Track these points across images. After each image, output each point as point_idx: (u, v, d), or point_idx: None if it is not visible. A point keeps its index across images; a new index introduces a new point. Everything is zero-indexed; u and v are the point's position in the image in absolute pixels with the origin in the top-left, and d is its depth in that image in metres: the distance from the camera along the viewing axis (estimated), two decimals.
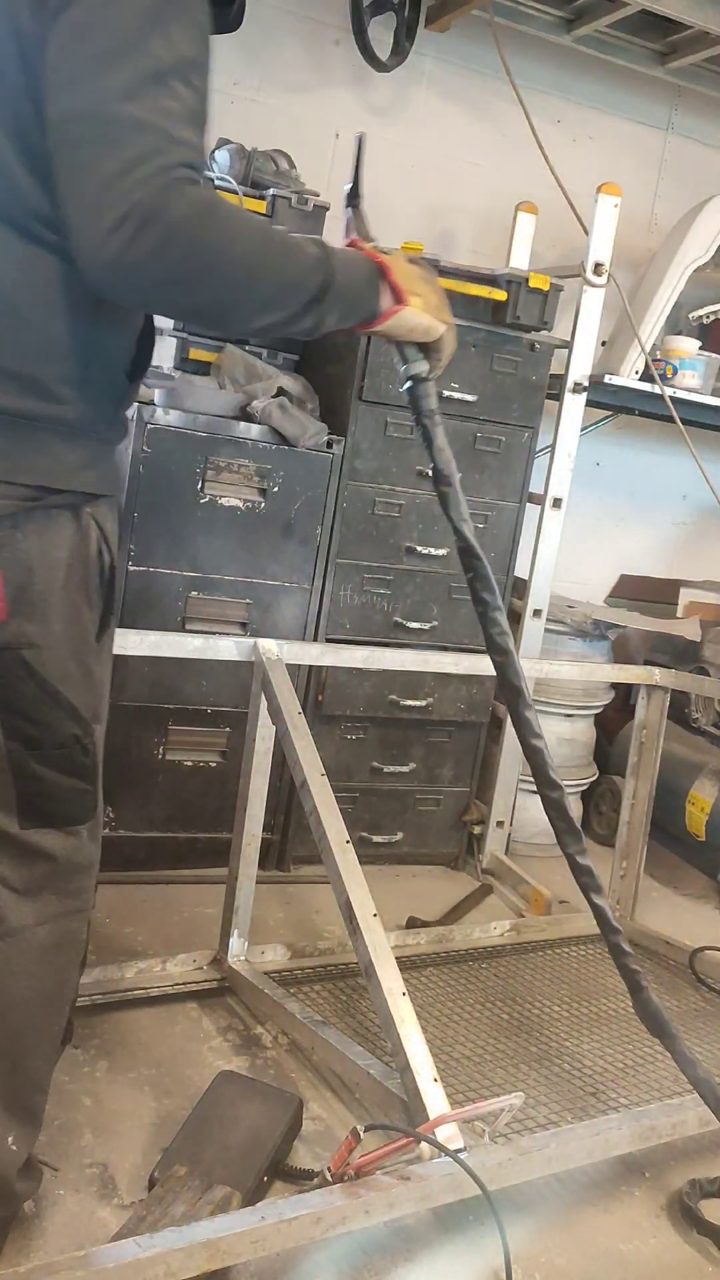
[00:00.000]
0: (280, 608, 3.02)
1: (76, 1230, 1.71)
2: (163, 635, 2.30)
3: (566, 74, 3.88)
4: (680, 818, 3.49)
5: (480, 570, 1.74)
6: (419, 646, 3.15)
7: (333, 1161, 1.63)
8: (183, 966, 2.43)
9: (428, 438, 1.70)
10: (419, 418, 1.69)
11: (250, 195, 3.11)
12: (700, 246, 3.55)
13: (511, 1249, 1.66)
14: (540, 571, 3.37)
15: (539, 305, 3.11)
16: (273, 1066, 2.21)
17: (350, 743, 3.20)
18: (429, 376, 1.65)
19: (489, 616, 1.76)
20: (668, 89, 4.01)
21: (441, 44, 3.70)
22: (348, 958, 2.54)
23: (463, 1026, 2.41)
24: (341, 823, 2.06)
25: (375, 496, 3.09)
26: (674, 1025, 1.89)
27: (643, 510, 4.36)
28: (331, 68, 3.58)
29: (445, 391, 3.08)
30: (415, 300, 1.54)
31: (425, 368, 1.64)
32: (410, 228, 3.69)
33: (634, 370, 3.53)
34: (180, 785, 3.01)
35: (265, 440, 2.92)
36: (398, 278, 1.51)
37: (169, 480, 2.83)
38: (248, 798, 2.39)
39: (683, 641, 3.78)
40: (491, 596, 1.75)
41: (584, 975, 2.76)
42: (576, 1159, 1.88)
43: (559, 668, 3.00)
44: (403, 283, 1.52)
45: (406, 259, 1.57)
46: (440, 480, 1.71)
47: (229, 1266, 1.55)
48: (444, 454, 1.70)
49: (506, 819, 3.44)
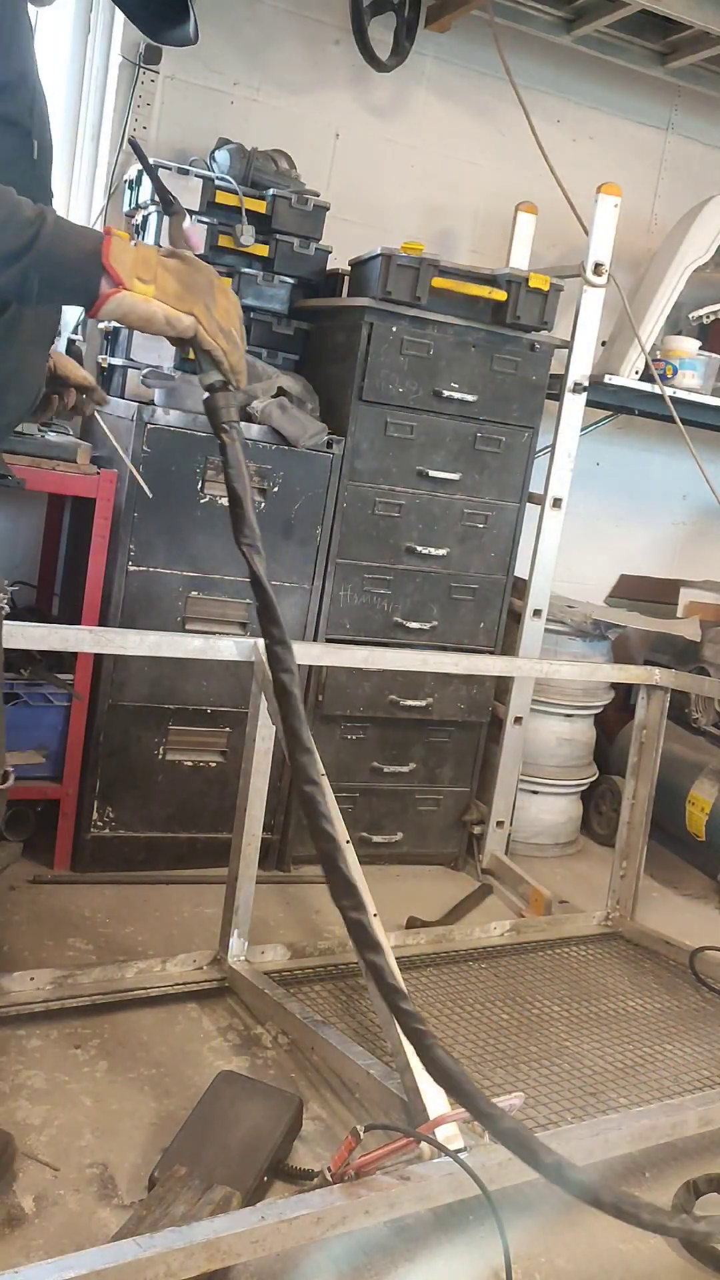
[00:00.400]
0: (280, 608, 3.01)
1: (76, 1230, 1.71)
2: (163, 635, 2.30)
3: (566, 74, 3.88)
4: (680, 818, 3.49)
5: (265, 600, 1.62)
6: (419, 646, 3.15)
7: (333, 1161, 1.63)
8: (183, 966, 2.43)
9: (222, 452, 1.58)
10: (215, 430, 1.58)
11: (250, 195, 3.11)
12: (700, 246, 3.55)
13: (511, 1249, 1.65)
14: (540, 571, 3.37)
15: (539, 305, 3.11)
16: (273, 1066, 2.21)
17: (350, 743, 3.21)
18: (223, 386, 1.56)
19: (274, 652, 1.63)
20: (668, 89, 4.01)
21: (441, 44, 3.70)
22: (348, 958, 2.54)
23: (463, 1026, 2.41)
24: (341, 823, 2.06)
25: (375, 496, 3.09)
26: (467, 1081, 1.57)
27: (643, 510, 4.36)
28: (331, 68, 3.58)
29: (445, 391, 3.09)
30: (142, 287, 1.45)
31: (217, 377, 1.56)
32: (410, 228, 3.70)
33: (634, 370, 3.54)
34: (180, 785, 3.01)
35: (265, 440, 2.92)
36: (114, 261, 1.42)
37: (169, 480, 2.83)
38: (248, 798, 2.39)
39: (683, 641, 3.78)
40: (278, 630, 1.63)
41: (584, 975, 2.76)
42: (576, 1159, 1.87)
43: (559, 668, 3.00)
44: (123, 266, 1.43)
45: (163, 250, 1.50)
46: (232, 501, 1.58)
47: (229, 1266, 1.55)
48: (237, 471, 1.57)
49: (506, 819, 3.45)
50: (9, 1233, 1.68)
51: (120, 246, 1.44)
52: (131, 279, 1.44)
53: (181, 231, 1.61)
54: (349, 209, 3.56)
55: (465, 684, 3.28)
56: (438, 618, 3.23)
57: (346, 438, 3.03)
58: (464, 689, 3.29)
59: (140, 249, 1.46)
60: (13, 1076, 2.05)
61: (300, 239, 3.18)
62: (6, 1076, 2.05)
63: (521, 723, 3.42)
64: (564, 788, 3.69)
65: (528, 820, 3.62)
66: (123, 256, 1.43)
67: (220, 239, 3.12)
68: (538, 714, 3.57)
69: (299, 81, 3.56)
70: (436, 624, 3.23)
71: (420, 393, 3.08)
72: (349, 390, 3.02)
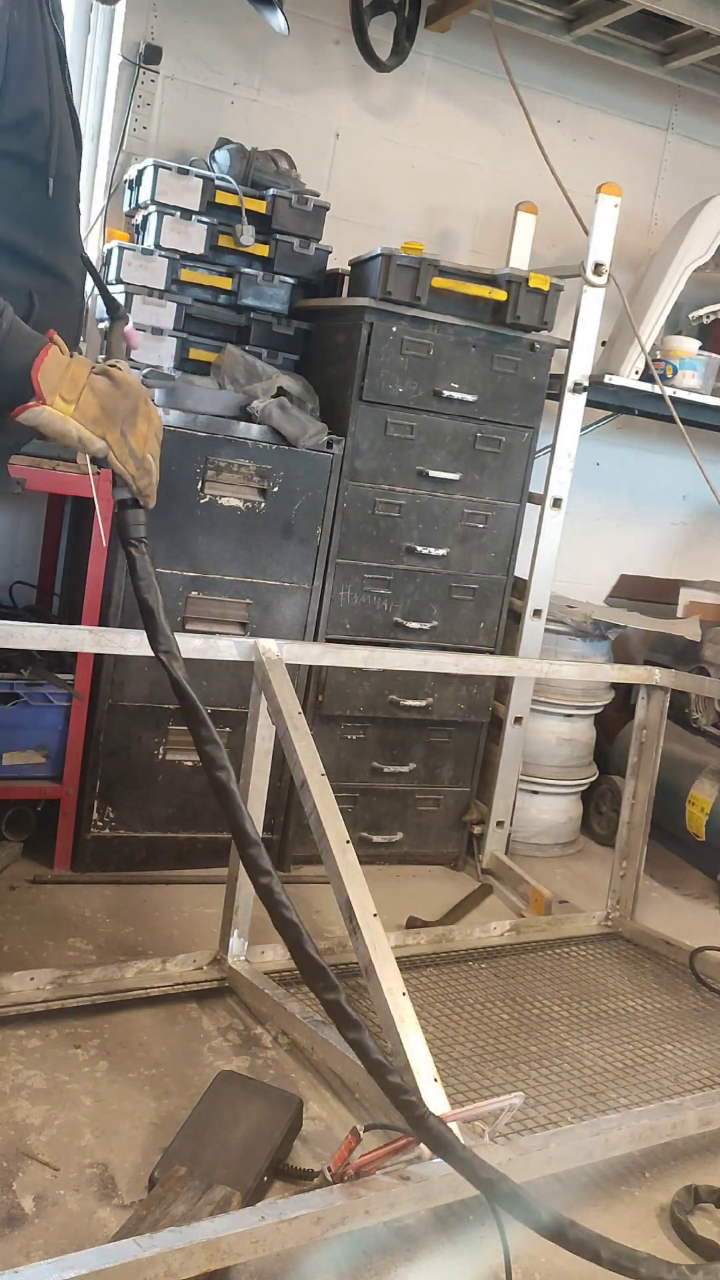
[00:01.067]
0: (280, 608, 3.02)
1: (76, 1230, 1.71)
2: None
3: (566, 74, 3.88)
4: (680, 818, 3.49)
5: (188, 705, 1.68)
6: (419, 646, 3.15)
7: (333, 1161, 1.63)
8: (183, 966, 2.43)
9: (130, 565, 1.67)
10: (122, 544, 1.68)
11: (250, 195, 3.11)
12: (700, 246, 3.55)
13: (511, 1249, 1.66)
14: (540, 571, 3.37)
15: (539, 305, 3.11)
16: (273, 1066, 2.21)
17: (350, 743, 3.21)
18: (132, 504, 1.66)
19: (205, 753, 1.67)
20: (668, 89, 4.01)
21: (441, 44, 3.70)
22: (348, 958, 2.54)
23: (463, 1026, 2.41)
24: (341, 823, 2.06)
25: (375, 496, 3.09)
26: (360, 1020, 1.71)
27: (643, 510, 4.36)
28: (331, 68, 3.58)
29: (445, 391, 3.09)
30: (63, 405, 1.53)
31: (127, 494, 1.65)
32: (410, 228, 3.70)
33: (634, 370, 3.53)
34: (180, 785, 3.01)
35: (265, 440, 2.92)
36: (41, 377, 1.50)
37: (169, 480, 2.82)
38: (248, 798, 2.39)
39: (683, 641, 3.78)
40: (206, 730, 1.67)
41: (584, 975, 2.76)
42: (576, 1159, 1.88)
43: (559, 668, 3.00)
44: (48, 383, 1.51)
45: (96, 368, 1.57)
46: (144, 612, 1.67)
47: (229, 1266, 1.55)
48: (146, 583, 1.66)
49: (506, 819, 3.45)
50: (9, 1233, 1.68)
51: (53, 363, 1.51)
52: (54, 397, 1.52)
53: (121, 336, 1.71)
54: (349, 209, 3.56)
55: (465, 684, 3.28)
56: (438, 618, 3.23)
57: (346, 438, 3.03)
58: (464, 689, 3.29)
59: (73, 367, 1.53)
60: (13, 1076, 2.05)
61: (300, 239, 3.18)
62: (6, 1076, 2.05)
63: (521, 723, 3.42)
64: (564, 788, 3.69)
65: (528, 820, 3.62)
66: (51, 374, 1.51)
67: (220, 239, 3.12)
68: (538, 714, 3.57)
69: (299, 81, 3.56)
70: (436, 624, 3.23)
71: (420, 393, 3.08)
72: (349, 390, 3.02)
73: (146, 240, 3.15)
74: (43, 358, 1.50)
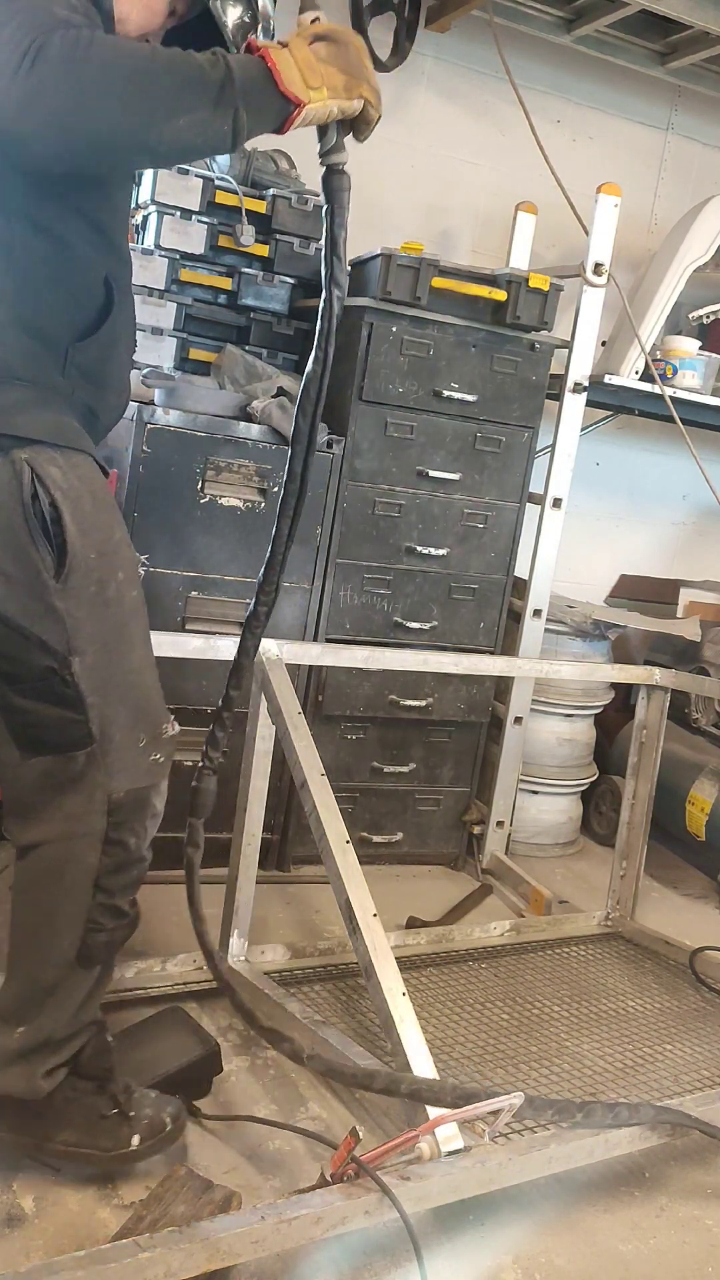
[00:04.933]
0: (280, 608, 3.01)
1: (76, 1230, 1.71)
2: (163, 635, 2.28)
3: (566, 74, 3.88)
4: (680, 818, 3.49)
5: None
6: (419, 646, 3.15)
7: (332, 1161, 1.63)
8: (183, 966, 2.43)
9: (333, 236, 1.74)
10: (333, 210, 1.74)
11: (250, 195, 3.11)
12: (700, 246, 3.55)
13: (511, 1249, 1.66)
14: (540, 571, 3.37)
15: (539, 305, 3.11)
16: (272, 1066, 2.21)
17: (350, 743, 3.20)
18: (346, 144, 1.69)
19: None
20: (668, 89, 4.01)
21: (441, 44, 3.70)
22: (348, 958, 2.54)
23: (463, 1026, 2.41)
24: (341, 823, 2.06)
25: (375, 496, 3.09)
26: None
27: (643, 510, 4.36)
28: None
29: (445, 391, 3.09)
30: (317, 94, 1.56)
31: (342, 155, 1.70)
32: (410, 228, 3.70)
33: (634, 370, 3.54)
34: (180, 785, 3.00)
35: (265, 440, 2.92)
36: (287, 83, 1.53)
37: (169, 480, 2.83)
38: (248, 798, 2.39)
39: (683, 641, 3.78)
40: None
41: (584, 975, 2.76)
42: (576, 1159, 1.88)
43: (559, 668, 3.00)
44: (295, 85, 1.53)
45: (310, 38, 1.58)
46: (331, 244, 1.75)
47: (229, 1266, 1.55)
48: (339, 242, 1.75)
49: (506, 819, 3.44)
50: (9, 1233, 1.68)
51: (285, 65, 1.53)
52: (306, 92, 1.55)
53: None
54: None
55: (465, 684, 3.28)
56: (438, 618, 3.23)
57: (346, 438, 3.03)
58: (464, 689, 3.29)
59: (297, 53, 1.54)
60: None
61: (300, 239, 3.18)
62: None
63: (521, 723, 3.42)
64: (564, 788, 3.69)
65: (528, 820, 3.62)
66: (291, 74, 1.53)
67: (220, 239, 3.12)
68: (538, 714, 3.57)
69: None
70: (436, 624, 3.23)
71: (420, 393, 3.08)
72: (349, 390, 3.02)
73: (146, 240, 3.15)
74: (275, 68, 1.52)
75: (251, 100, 1.51)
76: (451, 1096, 1.69)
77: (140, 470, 2.78)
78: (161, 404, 2.84)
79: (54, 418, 1.63)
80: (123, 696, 1.71)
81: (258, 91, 1.52)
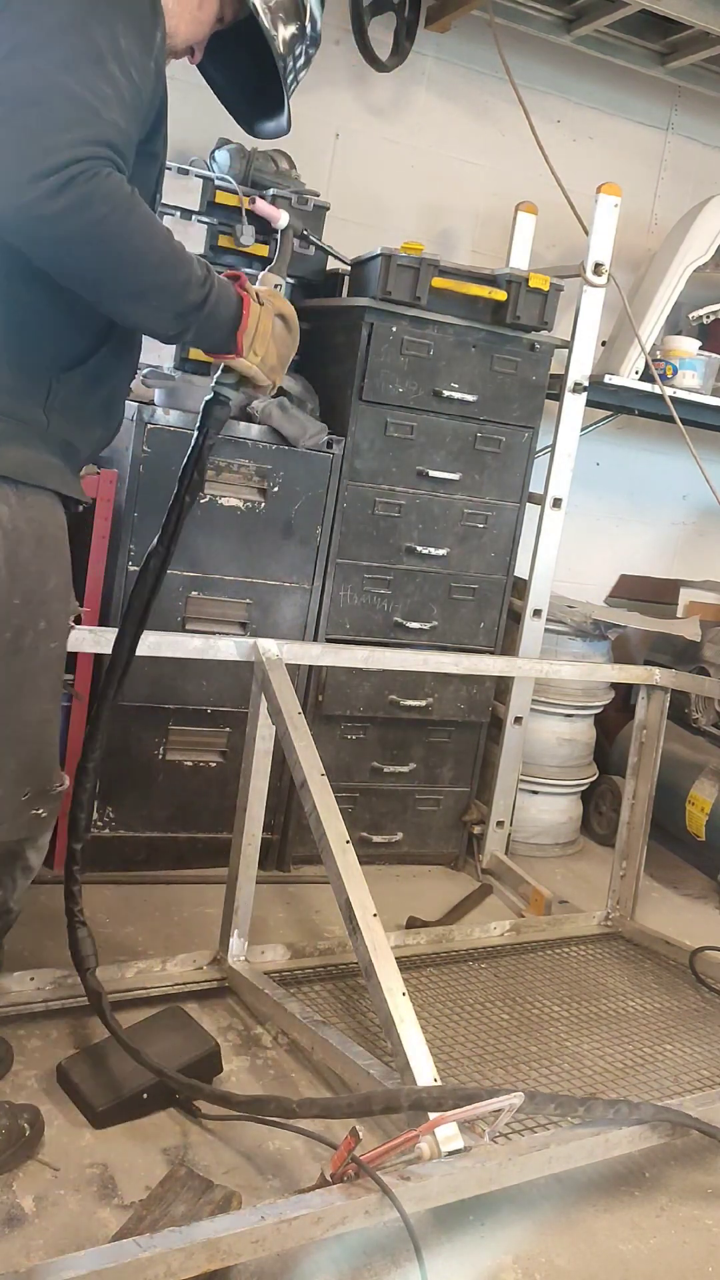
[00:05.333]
0: (280, 608, 3.02)
1: (76, 1230, 1.71)
2: (163, 635, 2.30)
3: (566, 74, 3.88)
4: (680, 818, 3.49)
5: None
6: (419, 646, 3.15)
7: (332, 1161, 1.63)
8: (183, 966, 2.43)
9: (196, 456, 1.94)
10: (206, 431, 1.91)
11: (250, 195, 3.11)
12: (700, 246, 3.55)
13: (511, 1249, 1.66)
14: (540, 571, 3.37)
15: (539, 305, 3.11)
16: (272, 1066, 2.21)
17: (350, 743, 3.20)
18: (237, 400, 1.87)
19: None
20: (668, 89, 4.01)
21: (441, 44, 3.70)
22: (348, 958, 2.54)
23: (463, 1026, 2.41)
24: (341, 823, 2.06)
25: (375, 496, 3.09)
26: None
27: (643, 510, 4.36)
28: (331, 68, 3.58)
29: (445, 391, 3.09)
30: (253, 357, 1.75)
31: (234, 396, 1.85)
32: (410, 228, 3.70)
33: (634, 370, 3.53)
34: (180, 785, 3.01)
35: (265, 440, 2.92)
36: (244, 334, 1.71)
37: (169, 480, 2.80)
38: (248, 798, 2.39)
39: (683, 641, 3.78)
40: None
41: (584, 975, 2.76)
42: (576, 1159, 1.88)
43: (559, 668, 3.00)
44: (246, 337, 1.72)
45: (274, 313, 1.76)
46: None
47: (229, 1266, 1.55)
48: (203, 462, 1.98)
49: (506, 819, 3.45)
50: (9, 1233, 1.68)
51: (252, 322, 1.71)
52: (248, 350, 1.74)
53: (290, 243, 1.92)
54: (349, 209, 3.56)
55: (465, 684, 3.28)
56: (438, 618, 3.23)
57: (346, 438, 3.03)
58: (464, 689, 3.29)
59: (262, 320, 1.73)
60: (13, 1076, 2.05)
61: (300, 239, 3.17)
62: (7, 1076, 2.05)
63: (521, 723, 3.42)
64: (564, 788, 3.69)
65: (528, 820, 3.62)
66: (250, 330, 1.72)
67: (220, 239, 3.11)
68: (538, 714, 3.57)
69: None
70: (436, 624, 3.23)
71: (420, 393, 3.08)
72: (349, 390, 3.02)
73: None
74: (246, 317, 1.70)
75: (204, 329, 1.67)
76: (453, 1100, 1.68)
77: (140, 470, 2.78)
78: (161, 404, 2.84)
79: (19, 453, 1.62)
80: (13, 749, 1.69)
81: (215, 327, 1.68)
